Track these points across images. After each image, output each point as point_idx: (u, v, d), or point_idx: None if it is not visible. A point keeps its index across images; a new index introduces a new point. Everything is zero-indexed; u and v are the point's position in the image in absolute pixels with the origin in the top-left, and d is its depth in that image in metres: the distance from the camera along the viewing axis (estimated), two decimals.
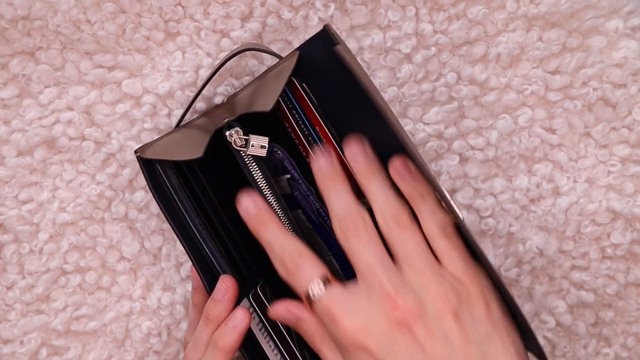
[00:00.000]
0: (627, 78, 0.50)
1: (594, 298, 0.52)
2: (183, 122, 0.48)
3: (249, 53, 0.50)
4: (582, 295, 0.52)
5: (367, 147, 0.40)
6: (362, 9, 0.50)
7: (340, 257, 0.48)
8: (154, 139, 0.46)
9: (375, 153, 0.42)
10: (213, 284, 0.44)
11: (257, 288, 0.45)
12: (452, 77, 0.50)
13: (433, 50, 0.50)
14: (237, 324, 0.42)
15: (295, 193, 0.47)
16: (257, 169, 0.41)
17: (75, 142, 0.51)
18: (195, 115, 0.49)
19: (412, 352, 0.35)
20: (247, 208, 0.41)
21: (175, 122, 0.49)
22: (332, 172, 0.41)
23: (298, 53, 0.42)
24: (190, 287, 0.53)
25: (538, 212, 0.51)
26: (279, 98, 0.43)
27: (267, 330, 0.45)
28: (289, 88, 0.44)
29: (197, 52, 0.50)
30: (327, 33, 0.40)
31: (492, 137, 0.51)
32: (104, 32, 0.50)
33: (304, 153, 0.45)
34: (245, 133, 0.40)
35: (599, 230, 0.51)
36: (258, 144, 0.40)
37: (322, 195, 0.40)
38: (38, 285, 0.52)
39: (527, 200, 0.52)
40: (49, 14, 0.49)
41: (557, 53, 0.50)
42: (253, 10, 0.50)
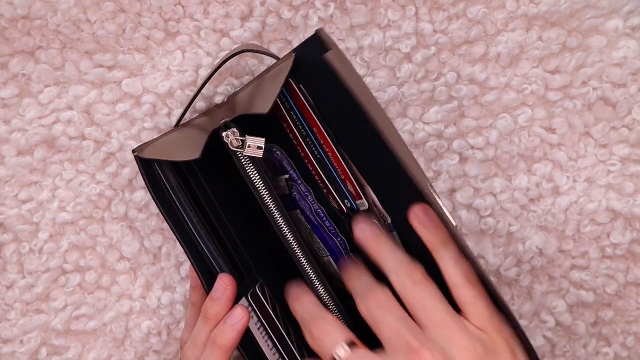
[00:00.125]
0: (627, 78, 0.49)
1: (594, 298, 0.52)
2: (183, 121, 0.48)
3: (249, 53, 0.50)
4: (582, 295, 0.52)
5: (373, 223, 0.43)
6: (362, 9, 0.50)
7: (338, 257, 0.48)
8: (153, 139, 0.46)
9: (370, 154, 0.42)
10: (211, 283, 0.44)
11: (255, 287, 0.45)
12: (452, 76, 0.50)
13: (433, 50, 0.50)
14: (236, 323, 0.42)
15: (294, 193, 0.47)
16: (253, 170, 0.41)
17: (75, 141, 0.51)
18: (196, 115, 0.49)
19: None
20: (288, 291, 0.44)
21: (175, 121, 0.49)
22: (353, 264, 0.44)
23: (295, 55, 0.42)
24: (190, 286, 0.53)
25: (538, 211, 0.51)
26: (277, 99, 0.43)
27: (265, 329, 0.45)
28: (287, 89, 0.44)
29: (197, 51, 0.50)
30: (319, 38, 0.40)
31: (492, 136, 0.51)
32: (104, 31, 0.50)
33: (302, 154, 0.45)
34: (242, 134, 0.40)
35: (599, 230, 0.51)
36: (254, 145, 0.40)
37: (345, 285, 0.43)
38: (38, 285, 0.52)
39: (527, 200, 0.51)
40: (49, 14, 0.49)
41: (557, 53, 0.50)
42: (253, 10, 0.50)
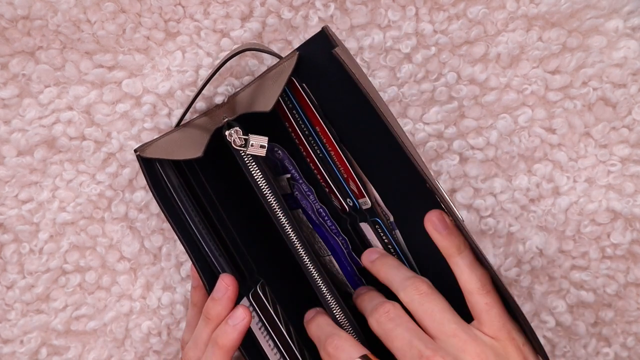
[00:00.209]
0: (627, 78, 0.50)
1: (594, 298, 0.52)
2: (183, 121, 0.48)
3: (249, 53, 0.50)
4: (582, 295, 0.52)
5: (377, 250, 0.45)
6: (362, 9, 0.50)
7: (340, 256, 0.48)
8: (154, 138, 0.46)
9: (373, 152, 0.42)
10: (213, 283, 0.44)
11: (256, 287, 0.45)
12: (452, 77, 0.50)
13: (433, 50, 0.50)
14: (237, 323, 0.42)
15: (296, 192, 0.47)
16: (256, 169, 0.41)
17: (75, 141, 0.51)
18: (196, 115, 0.49)
19: None
20: (306, 316, 0.46)
21: (176, 121, 0.49)
22: (365, 288, 0.46)
23: (298, 53, 0.42)
24: (190, 286, 0.53)
25: (538, 212, 0.51)
26: (279, 98, 0.43)
27: (266, 330, 0.45)
28: (289, 88, 0.44)
29: (197, 51, 0.50)
30: (325, 35, 0.40)
31: (492, 137, 0.51)
32: (104, 31, 0.49)
33: (304, 153, 0.45)
34: (245, 133, 0.40)
35: (599, 230, 0.51)
36: (257, 144, 0.40)
37: (358, 309, 0.44)
38: (38, 285, 0.52)
39: (527, 200, 0.51)
40: (49, 14, 0.49)
41: (557, 53, 0.50)
42: (253, 10, 0.50)
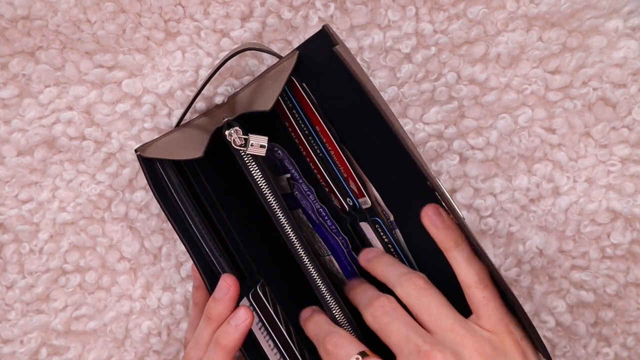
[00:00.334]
0: (627, 78, 0.50)
1: (594, 298, 0.52)
2: (183, 121, 0.48)
3: (249, 53, 0.50)
4: (582, 295, 0.52)
5: (373, 249, 0.45)
6: (362, 9, 0.50)
7: (340, 256, 0.48)
8: (155, 138, 0.46)
9: (373, 152, 0.42)
10: (214, 283, 0.44)
11: (256, 287, 0.45)
12: (452, 77, 0.50)
13: (433, 50, 0.50)
14: (239, 323, 0.42)
15: (295, 192, 0.47)
16: (256, 169, 0.41)
17: (75, 141, 0.51)
18: (196, 115, 0.49)
19: None
20: (302, 314, 0.46)
21: (176, 121, 0.49)
22: (357, 280, 0.46)
23: (298, 53, 0.42)
24: (191, 286, 0.53)
25: (538, 212, 0.51)
26: (279, 97, 0.43)
27: (266, 330, 0.45)
28: (289, 87, 0.44)
29: (197, 51, 0.50)
30: (326, 33, 0.40)
31: (492, 137, 0.51)
32: (104, 31, 0.49)
33: (304, 153, 0.45)
34: (245, 132, 0.40)
35: (599, 230, 0.51)
36: (257, 144, 0.40)
37: (351, 302, 0.44)
38: (38, 285, 0.52)
39: (527, 200, 0.51)
40: (49, 14, 0.49)
41: (557, 53, 0.50)
42: (253, 10, 0.50)
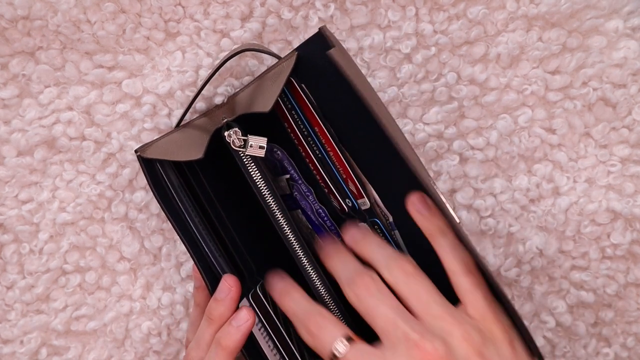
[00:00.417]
0: (627, 78, 0.49)
1: (594, 298, 0.52)
2: (183, 122, 0.48)
3: (249, 53, 0.50)
4: (582, 295, 0.52)
5: (360, 226, 0.44)
6: (362, 9, 0.50)
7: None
8: (155, 139, 0.46)
9: (372, 153, 0.42)
10: (215, 284, 0.44)
11: (256, 288, 0.45)
12: (452, 77, 0.50)
13: (433, 50, 0.50)
14: (241, 324, 0.42)
15: (295, 193, 0.47)
16: (255, 169, 0.41)
17: (75, 142, 0.51)
18: (196, 115, 0.49)
19: None
20: (273, 285, 0.44)
21: (176, 122, 0.49)
22: (334, 246, 0.43)
23: (297, 53, 0.42)
24: (191, 286, 0.53)
25: (538, 212, 0.51)
26: (278, 98, 0.43)
27: (266, 330, 0.45)
28: (288, 88, 0.44)
29: (197, 52, 0.50)
30: (322, 35, 0.40)
31: (492, 137, 0.51)
32: (104, 32, 0.49)
33: (303, 153, 0.45)
34: (244, 133, 0.40)
35: (599, 230, 0.51)
36: (256, 145, 0.40)
37: (328, 270, 0.42)
38: (38, 285, 0.52)
39: (527, 200, 0.51)
40: (49, 14, 0.49)
41: (557, 53, 0.50)
42: (253, 10, 0.50)
